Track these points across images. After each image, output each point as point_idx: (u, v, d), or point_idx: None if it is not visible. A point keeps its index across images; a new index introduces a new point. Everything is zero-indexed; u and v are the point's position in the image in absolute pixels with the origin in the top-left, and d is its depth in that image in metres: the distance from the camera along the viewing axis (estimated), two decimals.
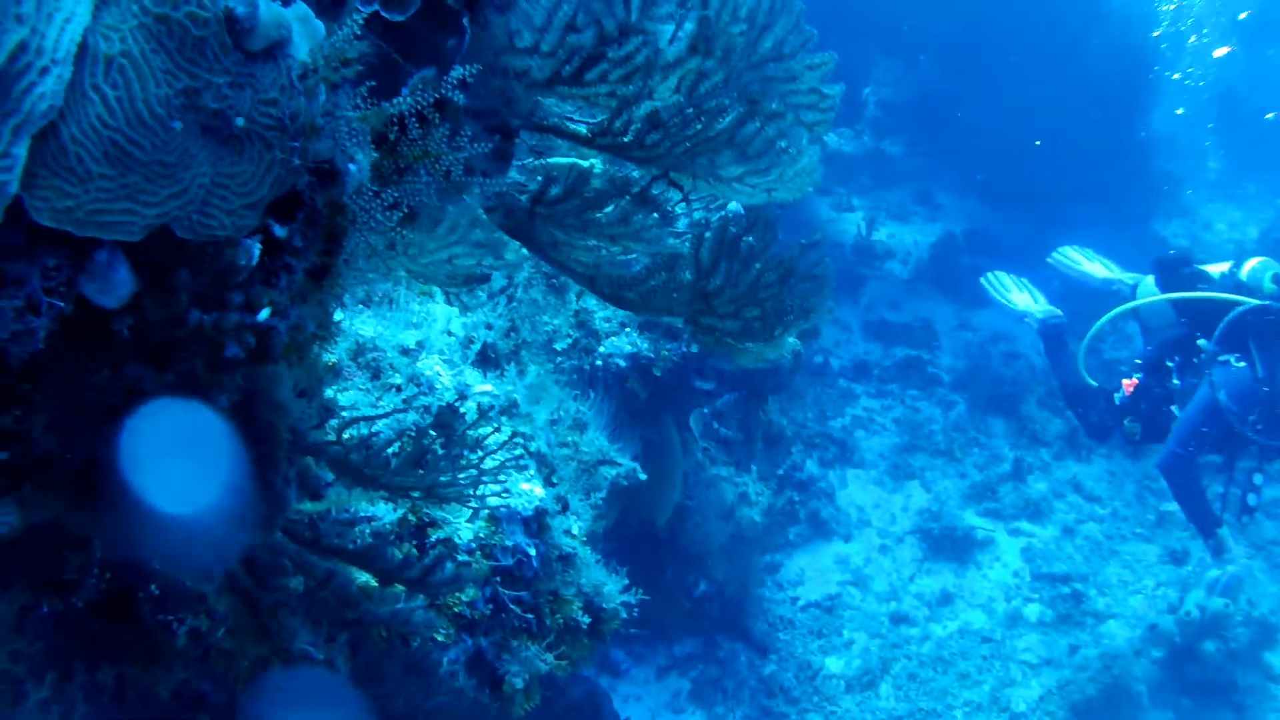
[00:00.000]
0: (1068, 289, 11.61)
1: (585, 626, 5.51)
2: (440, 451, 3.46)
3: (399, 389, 5.57)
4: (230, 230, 2.06)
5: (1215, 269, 9.38)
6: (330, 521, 3.60)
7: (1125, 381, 9.70)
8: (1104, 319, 9.92)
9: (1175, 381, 9.28)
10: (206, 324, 2.13)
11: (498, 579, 5.01)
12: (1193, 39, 16.34)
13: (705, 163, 2.93)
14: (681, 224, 3.13)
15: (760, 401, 10.33)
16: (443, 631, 4.76)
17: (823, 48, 3.13)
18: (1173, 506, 10.70)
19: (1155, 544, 12.29)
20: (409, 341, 5.90)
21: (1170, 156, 16.82)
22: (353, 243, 2.28)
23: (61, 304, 1.95)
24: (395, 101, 2.27)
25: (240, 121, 1.99)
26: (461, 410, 5.75)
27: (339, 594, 3.35)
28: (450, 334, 6.27)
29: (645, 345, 8.56)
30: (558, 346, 8.36)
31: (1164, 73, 16.13)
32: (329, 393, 3.68)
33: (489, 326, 6.59)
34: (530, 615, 5.16)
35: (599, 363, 8.51)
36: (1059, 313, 10.71)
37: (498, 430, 5.66)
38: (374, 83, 2.24)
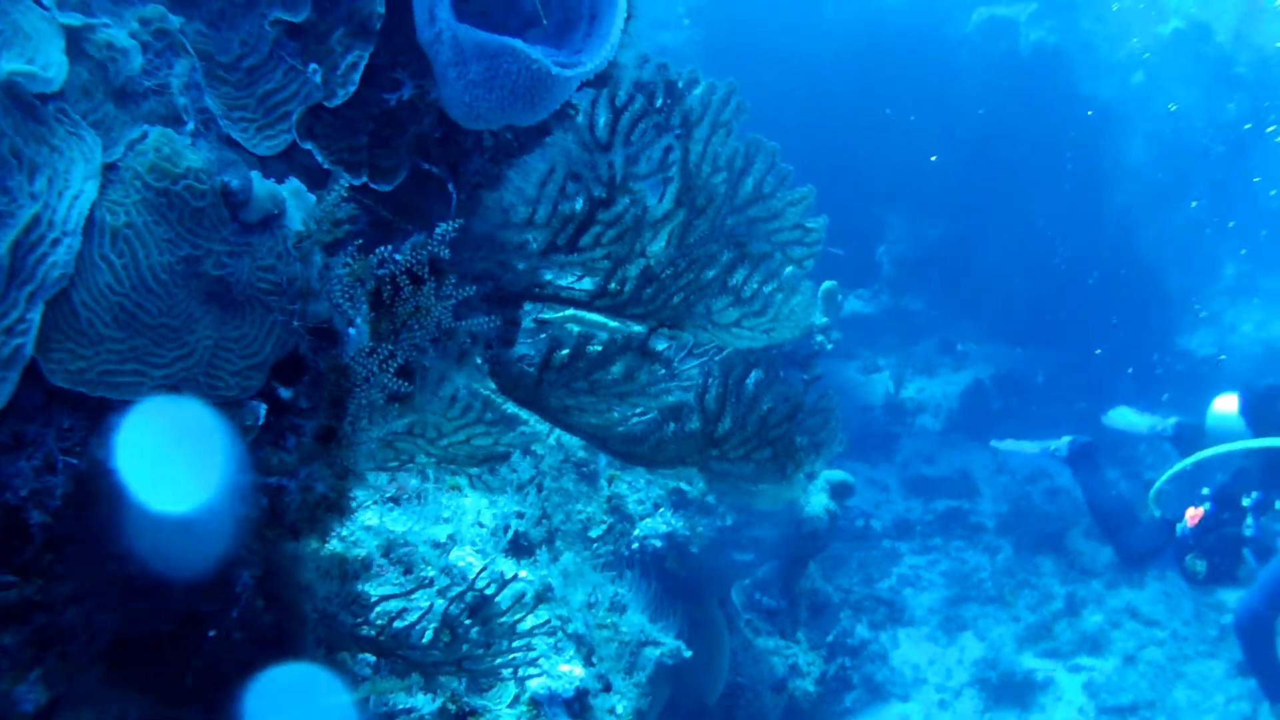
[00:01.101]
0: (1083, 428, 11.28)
1: None
2: (473, 628, 3.46)
3: (431, 581, 5.56)
4: (236, 391, 2.16)
5: None
6: (369, 717, 3.58)
7: (1190, 511, 8.73)
8: (1190, 460, 8.91)
9: (1249, 521, 8.32)
10: None
11: None
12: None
13: (702, 310, 2.99)
14: (687, 375, 3.16)
15: (801, 568, 10.25)
16: None
17: (830, 212, 3.19)
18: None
19: (1220, 659, 11.97)
20: (440, 535, 5.91)
21: (1185, 271, 16.84)
22: (357, 404, 2.34)
23: (76, 461, 2.03)
24: (385, 260, 2.36)
25: (239, 287, 2.09)
26: (493, 595, 5.74)
27: None
28: (481, 525, 6.28)
29: (680, 524, 8.55)
30: (592, 534, 8.33)
31: (1166, 187, 16.25)
32: (360, 587, 3.70)
33: (520, 515, 6.61)
34: None
35: (635, 545, 8.49)
36: (1084, 436, 10.22)
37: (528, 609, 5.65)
38: (362, 243, 2.34)
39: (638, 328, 3.10)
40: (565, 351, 3.04)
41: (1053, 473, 14.70)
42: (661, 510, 8.59)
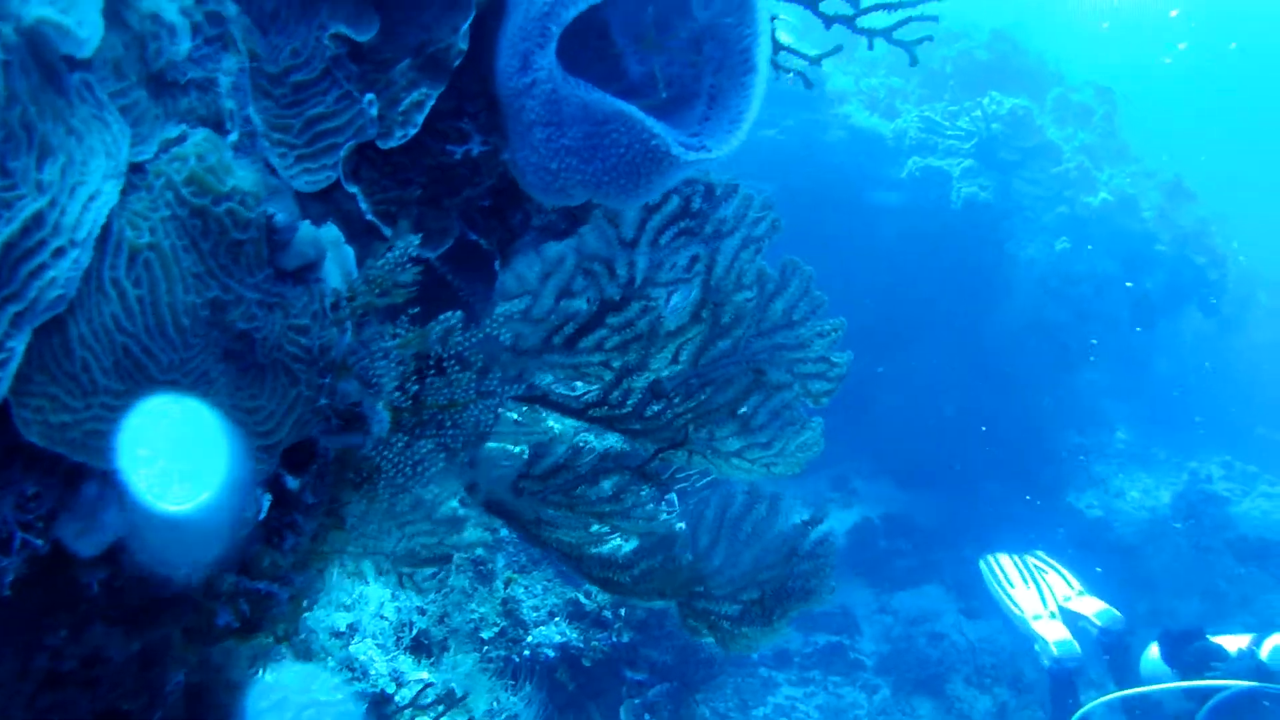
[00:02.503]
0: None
1: None
2: None
3: (332, 673, 5.28)
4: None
5: (1232, 643, 7.87)
6: None
7: None
8: (1115, 696, 8.11)
9: None
10: (195, 584, 1.84)
11: None
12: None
13: (705, 436, 2.77)
14: (672, 501, 2.95)
15: (691, 693, 10.01)
16: None
17: None
18: None
19: None
20: (340, 624, 5.64)
21: (1080, 430, 17.03)
22: (364, 502, 2.04)
23: (39, 542, 1.65)
24: (446, 336, 2.05)
25: (265, 347, 1.76)
26: (396, 698, 5.46)
27: None
28: (383, 617, 6.01)
29: (575, 635, 8.33)
30: (484, 635, 8.08)
31: (1075, 345, 16.48)
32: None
33: (422, 611, 6.34)
34: None
35: (527, 653, 8.25)
36: (1076, 648, 8.76)
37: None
38: (419, 311, 2.02)
39: (625, 445, 2.88)
40: (549, 461, 2.80)
41: (939, 614, 14.66)
42: (557, 620, 8.36)
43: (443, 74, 2.11)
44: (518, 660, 8.25)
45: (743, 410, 2.75)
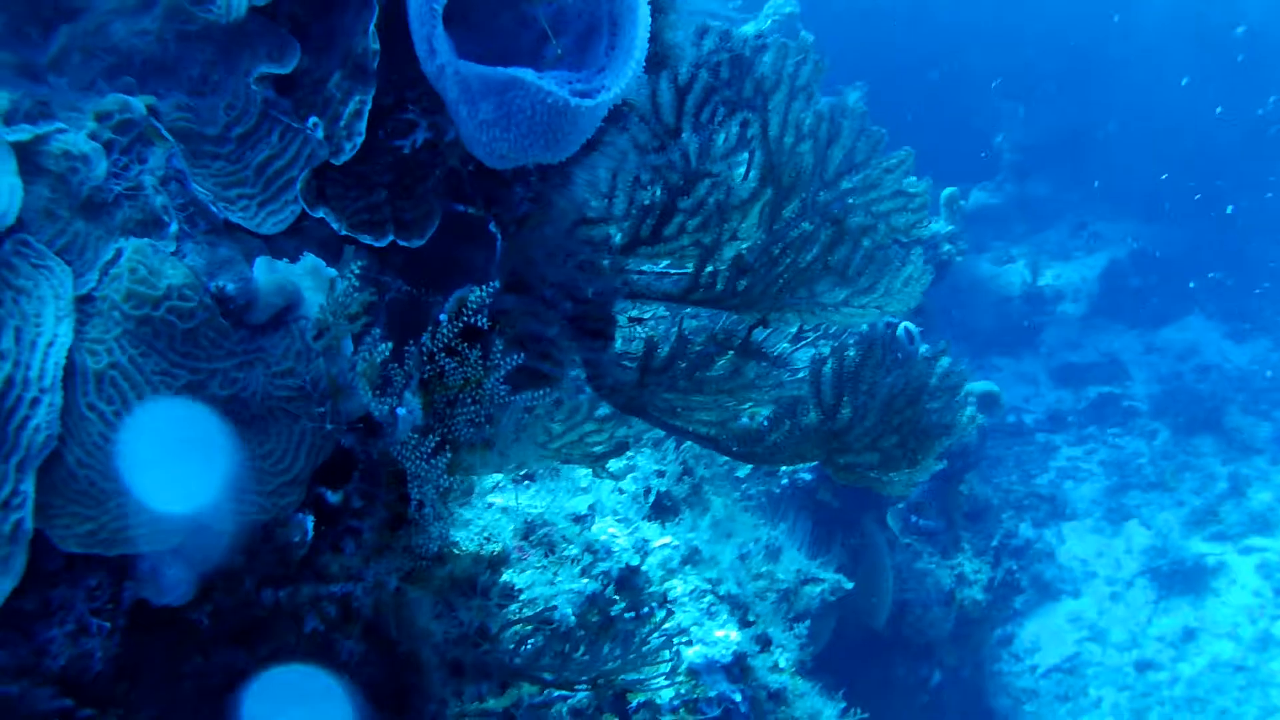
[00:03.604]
0: None
1: None
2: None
3: (575, 560, 5.41)
4: (273, 512, 1.94)
5: None
6: (525, 708, 3.46)
7: None
8: None
9: None
10: (284, 600, 2.00)
11: None
12: None
13: (805, 294, 2.73)
14: (799, 361, 2.93)
15: (955, 484, 9.99)
16: None
17: (933, 107, 2.92)
18: None
19: None
20: (580, 507, 5.75)
21: None
22: (419, 487, 2.12)
23: (109, 624, 1.85)
24: (412, 346, 2.11)
25: (256, 400, 1.88)
26: (643, 568, 5.58)
27: None
28: (621, 491, 6.11)
29: None
30: (740, 474, 8.17)
31: None
32: (506, 577, 3.56)
33: (660, 474, 6.42)
34: None
35: (784, 481, 8.34)
36: None
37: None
38: (381, 333, 2.08)
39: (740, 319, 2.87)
40: (664, 351, 2.82)
41: (1202, 347, 14.22)
42: None
43: (369, 76, 2.13)
44: (777, 491, 8.35)
45: (834, 261, 2.70)
